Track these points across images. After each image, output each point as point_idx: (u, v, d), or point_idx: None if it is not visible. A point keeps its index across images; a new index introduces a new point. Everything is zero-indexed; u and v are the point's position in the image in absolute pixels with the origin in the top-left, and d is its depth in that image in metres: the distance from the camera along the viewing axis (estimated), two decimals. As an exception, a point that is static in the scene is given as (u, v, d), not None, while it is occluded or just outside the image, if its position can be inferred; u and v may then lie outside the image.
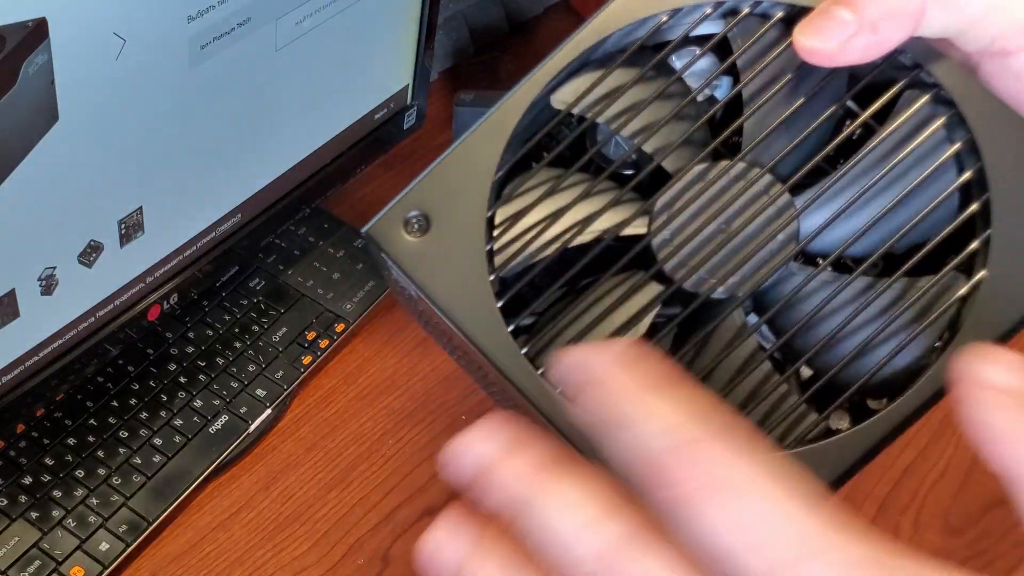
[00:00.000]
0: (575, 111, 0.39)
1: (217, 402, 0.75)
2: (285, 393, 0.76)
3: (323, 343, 0.79)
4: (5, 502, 0.68)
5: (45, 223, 0.59)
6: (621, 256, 0.38)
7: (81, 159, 0.59)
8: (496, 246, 0.38)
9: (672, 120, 0.39)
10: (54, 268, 0.61)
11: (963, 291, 0.36)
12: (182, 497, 0.70)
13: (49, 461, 0.70)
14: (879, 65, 0.38)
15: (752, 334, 0.38)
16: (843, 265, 0.39)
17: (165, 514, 0.69)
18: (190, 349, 0.77)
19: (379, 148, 0.85)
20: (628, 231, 0.38)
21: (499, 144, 0.38)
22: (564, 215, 0.39)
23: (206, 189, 0.70)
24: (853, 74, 0.39)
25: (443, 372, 0.81)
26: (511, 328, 0.38)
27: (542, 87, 0.39)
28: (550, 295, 0.39)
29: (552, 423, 0.37)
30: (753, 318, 0.40)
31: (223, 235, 0.74)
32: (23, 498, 0.68)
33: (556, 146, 0.40)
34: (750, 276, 0.38)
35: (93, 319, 0.67)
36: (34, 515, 0.68)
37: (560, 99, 0.39)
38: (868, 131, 0.39)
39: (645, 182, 0.39)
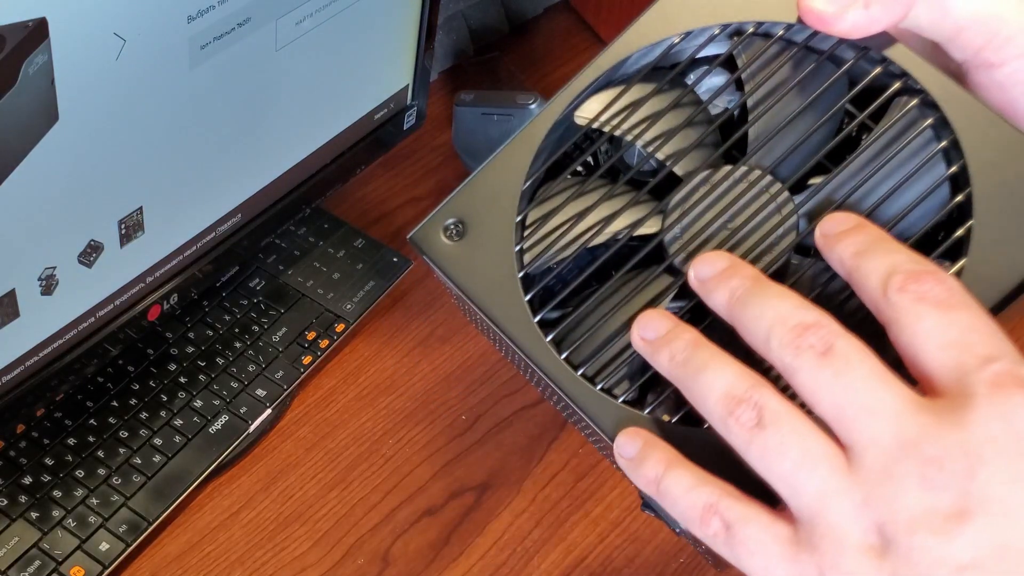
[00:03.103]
0: (595, 125, 0.44)
1: (217, 402, 0.75)
2: (285, 393, 0.76)
3: (323, 343, 0.79)
4: (5, 502, 0.68)
5: (45, 223, 0.59)
6: (637, 253, 0.42)
7: (81, 159, 0.59)
8: (525, 246, 0.44)
9: (684, 129, 0.43)
10: (54, 268, 0.61)
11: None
12: (182, 497, 0.70)
13: (49, 461, 0.70)
14: (874, 70, 0.42)
15: None
16: None
17: (165, 514, 0.69)
18: (190, 349, 0.77)
19: (379, 148, 0.85)
20: (642, 230, 0.43)
21: (527, 157, 0.44)
22: (586, 217, 0.43)
23: (206, 189, 0.70)
24: (851, 79, 0.42)
25: (443, 372, 0.81)
26: (537, 319, 0.43)
27: (566, 106, 0.44)
28: (574, 289, 0.43)
29: (573, 401, 0.42)
30: None
31: (223, 235, 0.74)
32: (23, 498, 0.68)
33: (580, 156, 0.45)
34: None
35: (93, 319, 0.67)
36: (34, 515, 0.68)
37: (582, 115, 0.44)
38: (863, 132, 0.43)
39: (660, 185, 0.43)
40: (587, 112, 0.44)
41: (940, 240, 0.41)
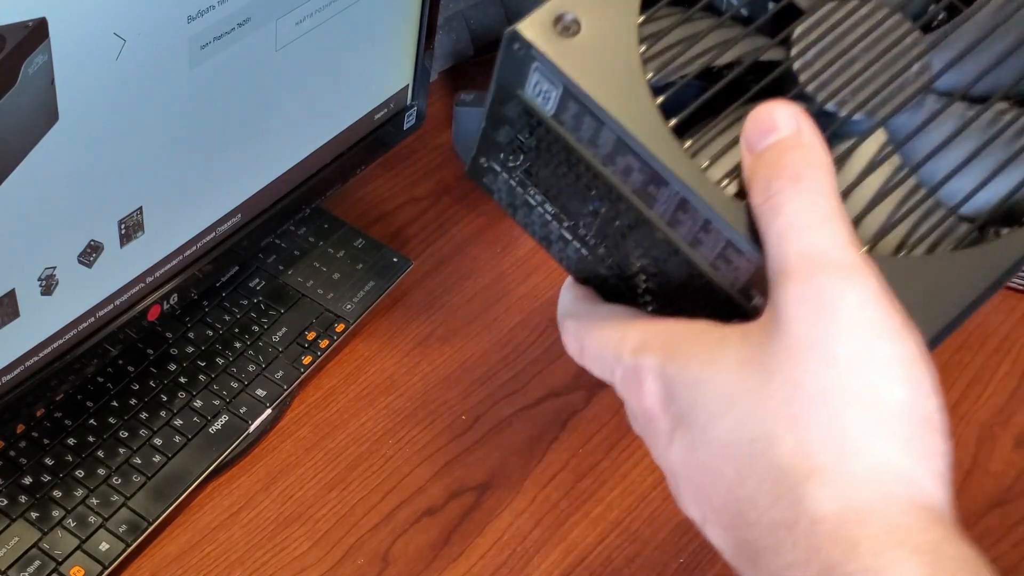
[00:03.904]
0: None
1: (217, 402, 0.75)
2: (285, 393, 0.76)
3: (323, 343, 0.79)
4: (5, 502, 0.68)
5: (45, 223, 0.59)
6: (758, 83, 0.39)
7: (81, 159, 0.59)
8: (647, 55, 0.39)
9: None
10: (54, 268, 0.61)
11: None
12: (182, 497, 0.70)
13: (49, 461, 0.70)
14: None
15: (891, 156, 0.39)
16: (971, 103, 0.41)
17: (165, 514, 0.69)
18: (190, 349, 0.77)
19: (379, 148, 0.85)
20: (766, 57, 0.40)
21: None
22: (707, 36, 0.40)
23: (206, 189, 0.70)
24: None
25: (443, 372, 0.81)
26: (673, 123, 0.38)
27: None
28: (694, 109, 0.39)
29: (711, 210, 0.38)
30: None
31: (223, 235, 0.74)
32: (23, 498, 0.68)
33: None
34: (887, 101, 0.39)
35: (93, 319, 0.67)
36: (34, 515, 0.68)
37: None
38: None
39: (777, 19, 0.41)
40: None
41: None
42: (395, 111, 0.84)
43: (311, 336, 0.79)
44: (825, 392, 0.34)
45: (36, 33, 0.51)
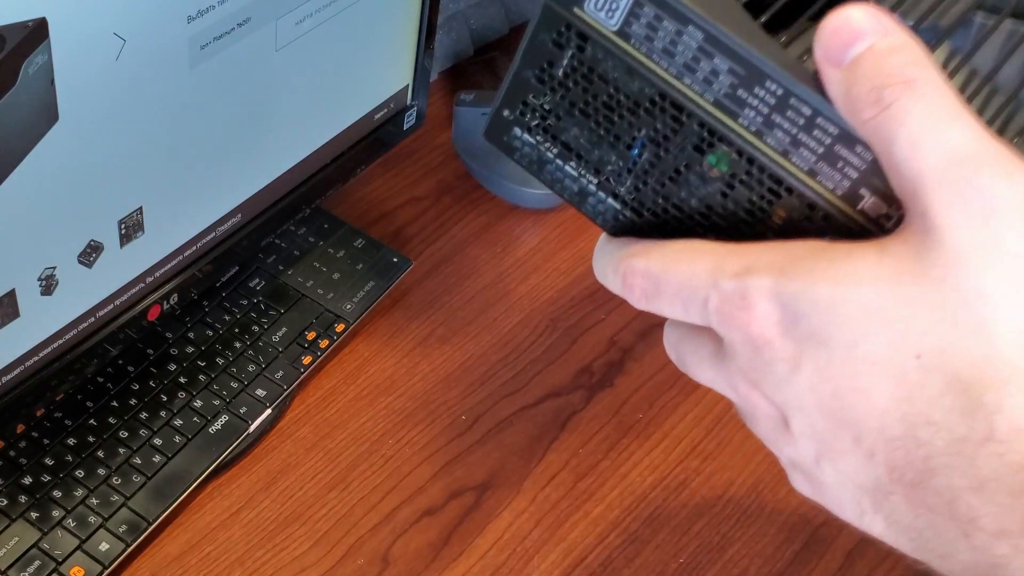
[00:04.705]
0: None
1: (217, 402, 0.75)
2: (285, 393, 0.76)
3: (323, 343, 0.79)
4: (5, 502, 0.68)
5: (45, 223, 0.59)
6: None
7: (81, 159, 0.59)
8: None
9: None
10: (54, 268, 0.61)
11: None
12: (182, 497, 0.70)
13: (49, 461, 0.70)
14: None
15: (962, 66, 0.38)
16: None
17: (165, 514, 0.69)
18: (190, 349, 0.77)
19: (379, 148, 0.85)
20: None
21: None
22: None
23: (206, 189, 0.70)
24: None
25: (443, 372, 0.81)
26: (763, 19, 0.37)
27: None
28: (779, 6, 0.38)
29: (820, 97, 0.36)
30: None
31: (223, 235, 0.74)
32: (23, 498, 0.68)
33: None
34: (943, 14, 0.37)
35: (93, 319, 0.67)
36: (34, 515, 0.68)
37: None
38: None
39: None
40: None
41: None
42: (395, 111, 0.84)
43: (311, 336, 0.79)
44: (1007, 295, 0.31)
45: (36, 33, 0.51)
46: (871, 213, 0.35)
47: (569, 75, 0.39)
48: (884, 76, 0.33)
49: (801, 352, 0.34)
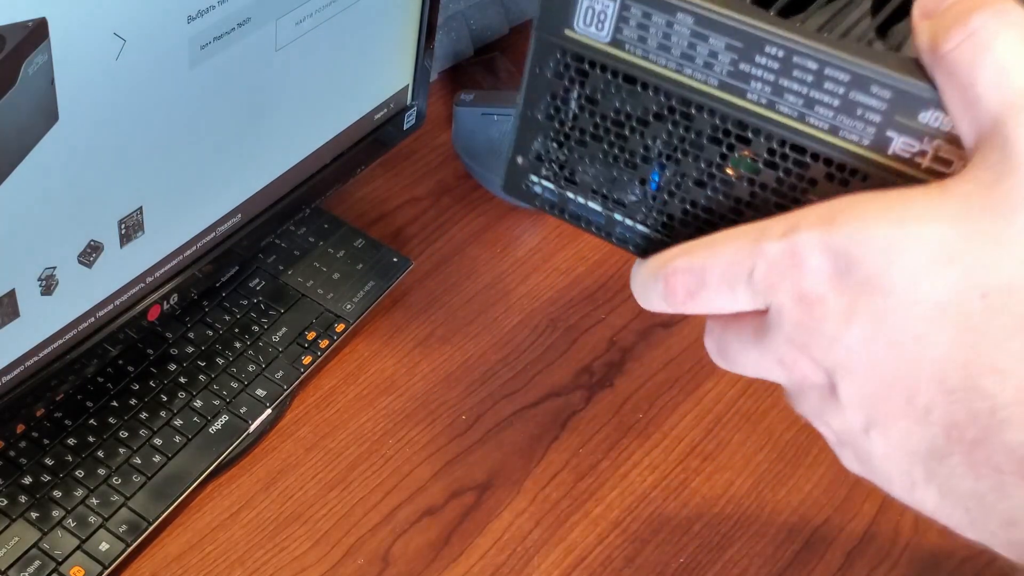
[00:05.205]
0: None
1: (217, 402, 0.75)
2: (285, 393, 0.76)
3: (323, 343, 0.79)
4: (5, 502, 0.68)
5: (45, 223, 0.59)
6: None
7: (81, 159, 0.59)
8: None
9: None
10: (54, 268, 0.61)
11: None
12: (182, 497, 0.70)
13: (49, 461, 0.70)
14: None
15: None
16: None
17: (165, 514, 0.69)
18: (190, 349, 0.77)
19: (379, 148, 0.85)
20: None
21: None
22: None
23: (206, 189, 0.70)
24: None
25: (443, 372, 0.81)
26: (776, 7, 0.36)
27: None
28: None
29: (827, 50, 0.35)
30: None
31: (223, 235, 0.74)
32: (23, 498, 0.68)
33: None
34: None
35: (93, 319, 0.67)
36: (34, 515, 0.68)
37: None
38: None
39: None
40: None
41: None
42: (395, 111, 0.84)
43: (311, 336, 0.79)
44: None
45: (36, 33, 0.51)
46: (903, 154, 0.34)
47: (575, 103, 0.39)
48: (972, 2, 0.32)
49: (855, 303, 0.32)
